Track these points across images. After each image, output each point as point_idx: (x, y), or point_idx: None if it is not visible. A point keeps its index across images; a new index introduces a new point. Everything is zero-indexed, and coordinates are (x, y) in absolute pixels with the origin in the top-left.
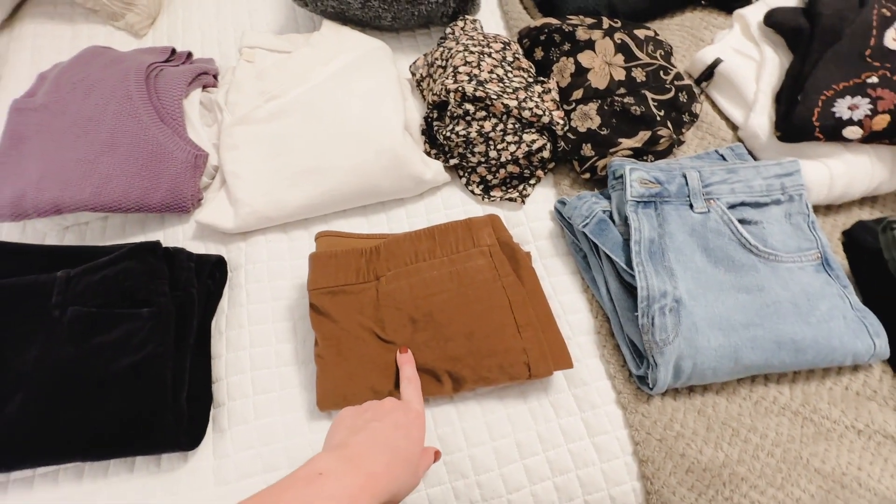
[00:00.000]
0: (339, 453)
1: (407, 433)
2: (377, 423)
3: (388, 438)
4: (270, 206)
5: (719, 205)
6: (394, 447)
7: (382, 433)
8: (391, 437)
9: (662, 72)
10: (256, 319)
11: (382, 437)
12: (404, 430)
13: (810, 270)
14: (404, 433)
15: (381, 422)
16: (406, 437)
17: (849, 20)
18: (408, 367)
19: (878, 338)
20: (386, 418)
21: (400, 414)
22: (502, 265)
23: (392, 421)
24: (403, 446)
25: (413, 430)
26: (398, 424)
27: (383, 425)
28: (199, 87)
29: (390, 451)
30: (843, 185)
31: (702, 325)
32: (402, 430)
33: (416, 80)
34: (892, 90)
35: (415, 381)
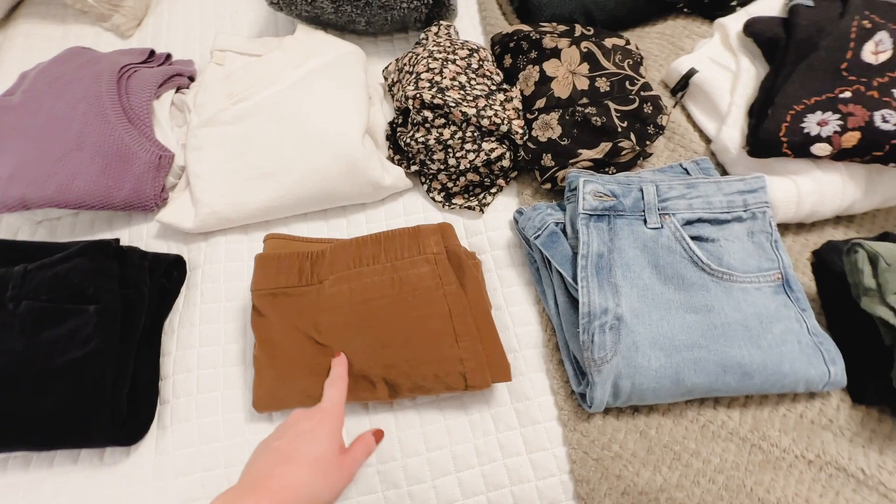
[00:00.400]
0: (238, 486)
1: (312, 437)
2: (278, 443)
3: (289, 451)
4: (230, 207)
5: (673, 221)
6: (295, 458)
7: (283, 448)
8: (291, 450)
9: (628, 82)
10: (208, 319)
11: (282, 452)
12: (308, 435)
13: (768, 292)
14: (308, 438)
15: (282, 439)
16: (311, 442)
17: (826, 32)
18: (336, 369)
19: (834, 365)
20: (287, 433)
21: (303, 422)
22: (446, 273)
23: (294, 433)
24: (306, 452)
25: (319, 432)
26: (300, 433)
27: (284, 441)
28: (173, 88)
29: (292, 463)
30: (811, 204)
31: (643, 345)
32: (305, 436)
33: (388, 85)
34: (865, 106)
35: (338, 382)
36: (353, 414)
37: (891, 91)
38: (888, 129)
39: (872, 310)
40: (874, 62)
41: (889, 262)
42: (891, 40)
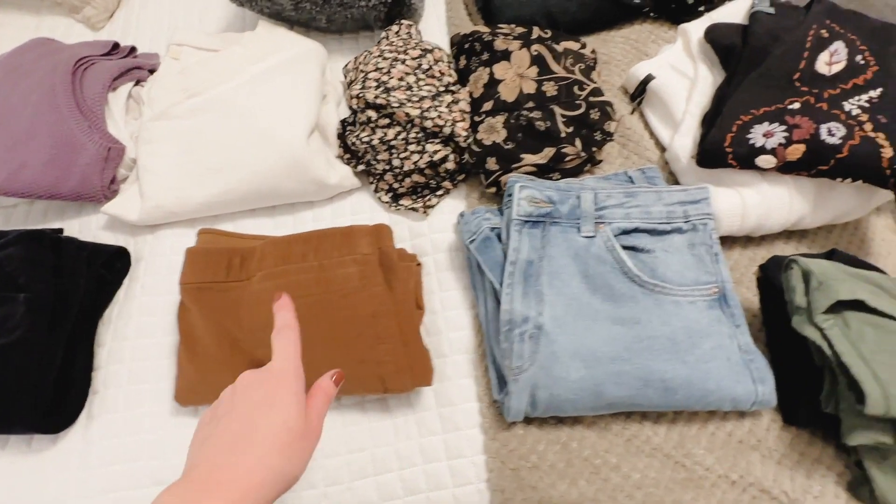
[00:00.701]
0: (187, 480)
1: (269, 409)
2: (228, 419)
3: (244, 432)
4: (174, 201)
5: (607, 230)
6: (254, 439)
7: (236, 429)
8: (247, 429)
9: (577, 87)
10: (146, 311)
11: (236, 434)
12: (264, 407)
13: (702, 306)
14: (266, 411)
15: (233, 413)
16: (269, 415)
17: (781, 40)
18: (282, 314)
19: (762, 384)
20: (238, 405)
21: (255, 390)
22: (374, 275)
23: (246, 404)
24: (266, 429)
25: (277, 401)
26: (255, 404)
27: (236, 416)
28: (132, 81)
29: (250, 446)
30: (757, 217)
31: (563, 355)
32: (261, 409)
33: (347, 83)
34: (812, 118)
35: (286, 332)
36: None
37: (841, 104)
38: (833, 143)
39: (801, 329)
40: (827, 73)
41: (821, 281)
42: (846, 51)
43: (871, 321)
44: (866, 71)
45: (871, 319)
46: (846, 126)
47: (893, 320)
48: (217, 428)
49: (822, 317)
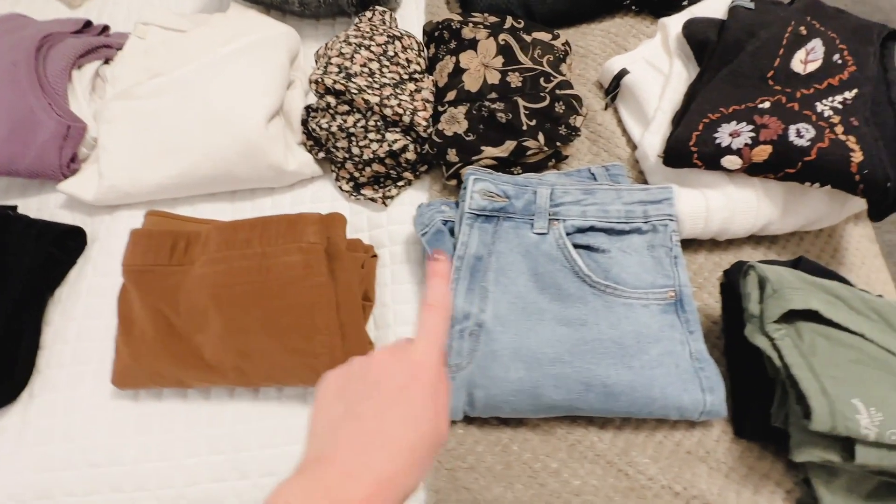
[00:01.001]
0: (312, 478)
1: (407, 408)
2: (361, 407)
3: (382, 425)
4: (129, 182)
5: (560, 227)
6: (391, 436)
7: (371, 417)
8: (385, 422)
9: (543, 79)
10: (95, 292)
11: (372, 424)
12: (402, 402)
13: (655, 310)
14: (403, 409)
15: (367, 402)
16: (405, 418)
17: (756, 37)
18: (435, 284)
19: (712, 394)
20: (373, 395)
21: (390, 377)
22: (318, 265)
23: (383, 394)
24: (402, 435)
25: (415, 399)
26: (391, 398)
27: (370, 405)
28: (100, 60)
29: (388, 442)
30: (721, 220)
31: (503, 355)
32: (399, 404)
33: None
34: (781, 118)
35: (439, 309)
36: (217, 398)
37: (813, 104)
38: (801, 145)
39: (752, 338)
40: (802, 71)
41: (775, 289)
42: (823, 49)
43: (824, 333)
44: (843, 71)
45: (825, 331)
46: (816, 128)
47: (850, 333)
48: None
49: (774, 326)
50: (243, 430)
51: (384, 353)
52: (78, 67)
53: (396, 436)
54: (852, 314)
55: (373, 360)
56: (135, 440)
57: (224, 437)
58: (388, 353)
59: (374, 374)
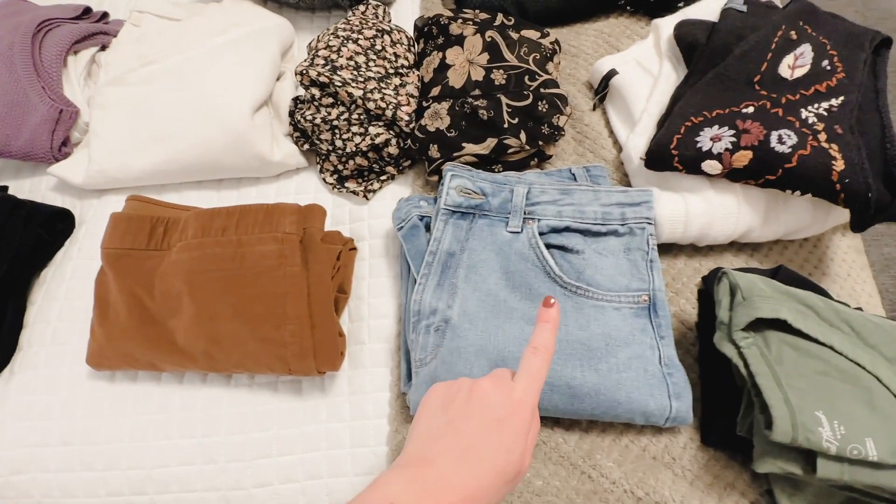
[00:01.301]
0: (414, 475)
1: (499, 436)
2: (461, 423)
3: (477, 445)
4: (117, 167)
5: (534, 226)
6: (483, 456)
7: (469, 435)
8: (480, 444)
9: (528, 77)
10: (79, 274)
11: (469, 442)
12: (496, 430)
13: (627, 313)
14: (496, 438)
15: (468, 420)
16: (498, 443)
17: (745, 40)
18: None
19: (678, 400)
20: (474, 414)
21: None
22: (292, 254)
23: (483, 418)
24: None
25: (508, 431)
26: (490, 421)
27: (471, 426)
28: (97, 46)
29: (479, 461)
30: (700, 226)
31: (467, 352)
32: (495, 431)
33: None
34: (764, 124)
35: (543, 352)
36: (190, 383)
37: (798, 110)
38: (782, 152)
39: (720, 345)
40: (789, 77)
41: (745, 296)
42: (812, 54)
43: (793, 343)
44: (831, 77)
45: (793, 341)
46: (799, 134)
47: (819, 344)
48: (451, 430)
49: (741, 334)
50: (214, 416)
51: (489, 381)
52: (74, 53)
53: (488, 459)
54: (823, 326)
55: (478, 386)
56: (109, 420)
57: (195, 422)
58: (493, 383)
59: (476, 399)
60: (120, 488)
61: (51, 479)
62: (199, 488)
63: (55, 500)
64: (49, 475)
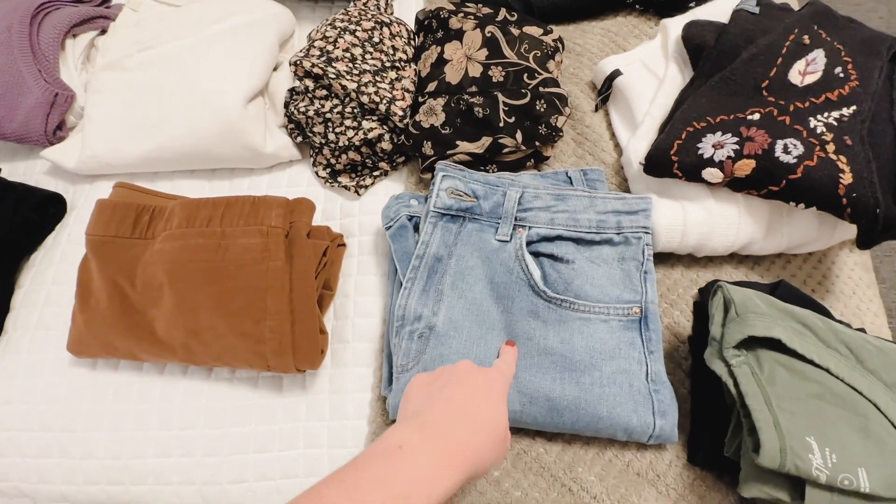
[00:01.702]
0: (416, 423)
1: (487, 397)
2: (451, 389)
3: (467, 405)
4: (110, 152)
5: (522, 236)
6: (474, 414)
7: (460, 399)
8: (470, 404)
9: (527, 75)
10: (67, 259)
11: (460, 402)
12: (484, 393)
13: (616, 326)
14: (485, 397)
15: (455, 386)
16: (487, 401)
17: (754, 43)
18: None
19: (663, 418)
20: (460, 383)
21: (476, 376)
22: (276, 249)
23: (469, 385)
24: (485, 411)
25: (494, 393)
26: (476, 388)
27: (458, 390)
28: (97, 30)
29: (470, 418)
30: (698, 235)
31: (450, 361)
32: (482, 394)
33: None
34: (769, 132)
35: (514, 348)
36: (170, 374)
37: (806, 119)
38: (787, 162)
39: (710, 363)
40: (799, 83)
41: (739, 312)
42: (824, 60)
43: (786, 364)
44: (843, 85)
45: (787, 362)
46: (805, 144)
47: (814, 366)
48: (441, 395)
49: (733, 351)
50: (193, 408)
51: (467, 362)
52: (73, 36)
53: (480, 415)
54: (820, 347)
55: (459, 365)
56: (89, 407)
57: (174, 413)
58: (469, 363)
59: (460, 372)
60: (97, 477)
61: (30, 465)
62: (175, 481)
63: (33, 486)
64: (28, 460)
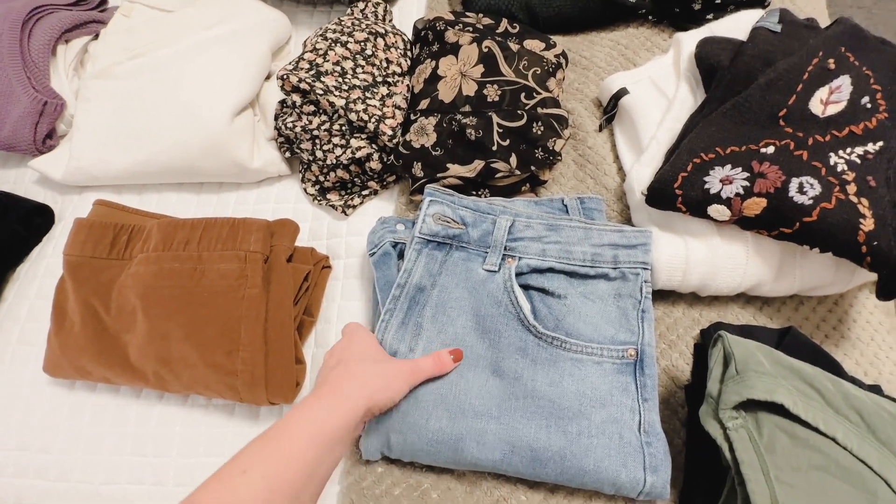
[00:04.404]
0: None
1: (348, 342)
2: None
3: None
4: (96, 164)
5: (511, 267)
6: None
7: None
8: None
9: (524, 94)
10: (51, 273)
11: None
12: (347, 339)
13: (610, 369)
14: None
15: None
16: (348, 343)
17: (773, 67)
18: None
19: (654, 474)
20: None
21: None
22: (254, 275)
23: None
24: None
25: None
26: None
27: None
28: (90, 35)
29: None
30: (701, 275)
31: (425, 401)
32: (342, 344)
33: None
34: (784, 168)
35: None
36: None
37: (826, 154)
38: (802, 203)
39: (704, 422)
40: (820, 114)
41: (739, 370)
42: (850, 89)
43: (789, 430)
44: (871, 118)
45: (790, 428)
46: (823, 184)
47: (819, 434)
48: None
49: (730, 413)
50: (167, 434)
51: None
52: (65, 42)
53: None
54: (828, 412)
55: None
56: (65, 429)
57: (148, 439)
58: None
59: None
60: (70, 501)
61: (6, 484)
62: None
63: None
64: (4, 479)
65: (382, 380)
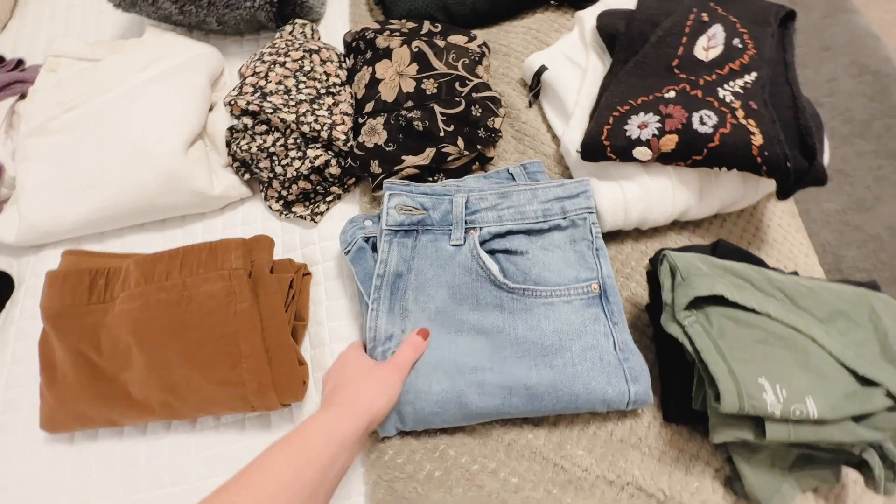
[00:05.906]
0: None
1: (340, 367)
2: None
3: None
4: (48, 220)
5: (475, 237)
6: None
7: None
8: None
9: (458, 83)
10: (23, 336)
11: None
12: (340, 363)
13: (578, 305)
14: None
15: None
16: (341, 367)
17: (660, 26)
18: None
19: (636, 383)
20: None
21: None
22: (241, 290)
23: (337, 367)
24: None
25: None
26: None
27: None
28: (14, 96)
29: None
30: (640, 211)
31: (424, 370)
32: (336, 370)
33: None
34: (685, 107)
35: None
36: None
37: (715, 90)
38: (705, 132)
39: (666, 326)
40: (704, 58)
41: (684, 276)
42: (723, 35)
43: (732, 316)
44: (743, 55)
45: (732, 314)
46: (718, 113)
47: (756, 314)
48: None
49: (684, 313)
50: (181, 463)
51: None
52: None
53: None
54: (759, 295)
55: (342, 355)
56: (72, 483)
57: (163, 472)
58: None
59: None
60: None
61: None
62: None
63: None
64: None
65: (376, 390)
